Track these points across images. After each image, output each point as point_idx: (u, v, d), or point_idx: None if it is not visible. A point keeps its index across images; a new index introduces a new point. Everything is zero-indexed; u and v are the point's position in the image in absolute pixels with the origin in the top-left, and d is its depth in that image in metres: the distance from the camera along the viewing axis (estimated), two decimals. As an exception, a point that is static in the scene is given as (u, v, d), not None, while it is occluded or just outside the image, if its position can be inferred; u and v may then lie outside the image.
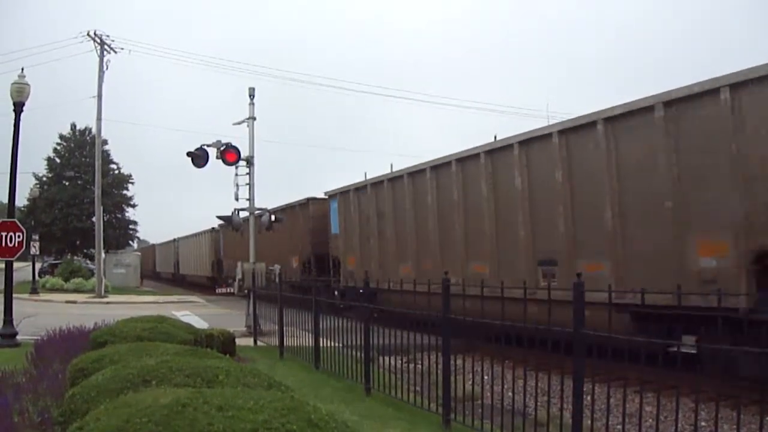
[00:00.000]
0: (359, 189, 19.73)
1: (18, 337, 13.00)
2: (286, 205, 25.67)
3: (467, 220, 14.31)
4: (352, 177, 21.23)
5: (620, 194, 10.41)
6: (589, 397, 5.63)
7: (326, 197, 22.45)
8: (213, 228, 37.33)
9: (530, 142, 12.38)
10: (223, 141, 16.58)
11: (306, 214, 24.16)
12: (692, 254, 9.24)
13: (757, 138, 8.44)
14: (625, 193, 10.34)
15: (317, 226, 23.05)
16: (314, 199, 23.88)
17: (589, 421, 5.61)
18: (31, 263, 34.21)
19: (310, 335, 10.86)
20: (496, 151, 13.41)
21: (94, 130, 37.28)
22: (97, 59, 30.80)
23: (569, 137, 11.48)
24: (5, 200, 14.31)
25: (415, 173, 16.50)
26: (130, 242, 56.84)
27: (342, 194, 20.91)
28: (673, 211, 9.47)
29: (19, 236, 13.18)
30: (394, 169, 18.16)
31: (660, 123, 9.64)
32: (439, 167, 15.40)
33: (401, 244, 17.14)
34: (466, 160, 14.34)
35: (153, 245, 67.43)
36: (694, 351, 6.25)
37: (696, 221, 9.23)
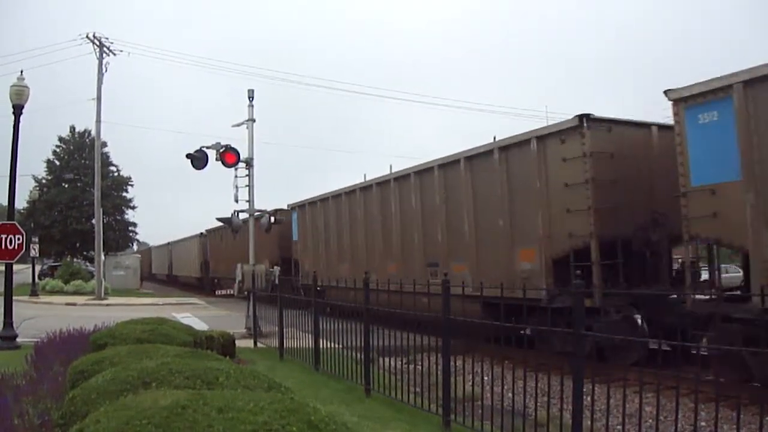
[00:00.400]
0: (312, 203, 23.72)
1: (18, 340, 13.00)
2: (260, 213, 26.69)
3: (383, 231, 18.33)
4: (349, 178, 22.57)
5: (475, 213, 14.20)
6: (588, 398, 5.64)
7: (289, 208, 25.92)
8: (201, 233, 41.05)
9: (423, 172, 16.42)
10: (223, 143, 16.59)
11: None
12: (517, 260, 12.80)
13: (553, 175, 12.09)
14: (478, 213, 14.12)
15: (284, 232, 25.85)
16: (281, 209, 25.94)
17: (589, 422, 5.62)
18: (30, 265, 34.22)
19: (310, 336, 10.87)
20: (401, 178, 17.47)
21: (93, 133, 37.36)
22: (96, 61, 30.85)
23: (446, 170, 15.36)
24: (5, 202, 14.32)
25: (349, 192, 20.64)
26: (130, 244, 56.85)
27: (300, 207, 25.04)
28: (503, 228, 13.24)
29: (18, 238, 13.18)
30: (394, 169, 18.41)
31: (497, 162, 13.44)
32: (364, 188, 19.61)
33: (341, 249, 21.22)
34: (382, 184, 18.51)
35: (149, 249, 67.95)
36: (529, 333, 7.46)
37: (518, 235, 12.88)
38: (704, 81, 9.45)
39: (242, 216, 17.85)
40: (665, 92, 10.09)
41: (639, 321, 11.00)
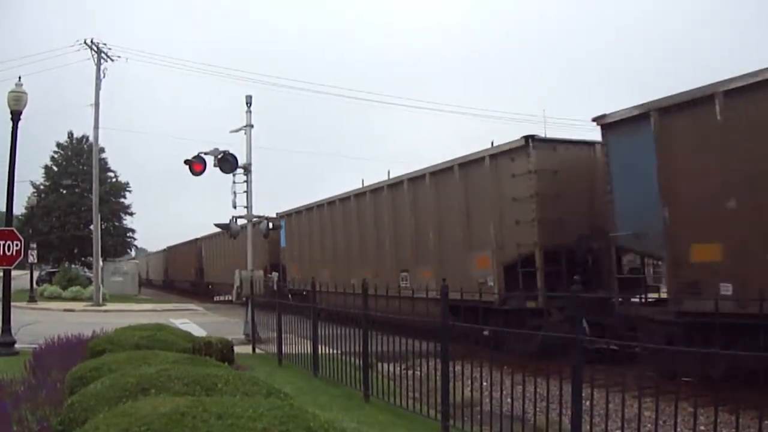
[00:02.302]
0: (298, 212, 25.09)
1: (16, 346, 12.97)
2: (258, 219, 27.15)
3: (360, 240, 19.73)
4: (347, 183, 23.10)
5: (439, 224, 15.66)
6: (588, 403, 5.64)
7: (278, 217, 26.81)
8: (195, 239, 42.58)
9: (394, 185, 17.92)
10: (221, 148, 16.61)
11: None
12: (474, 266, 14.21)
13: (504, 190, 13.46)
14: (442, 223, 15.59)
15: (273, 239, 26.17)
16: (270, 217, 26.27)
17: (588, 426, 5.62)
18: (28, 271, 34.16)
19: (309, 342, 10.86)
20: (376, 190, 18.91)
21: (91, 138, 37.33)
22: (94, 67, 30.84)
23: (414, 184, 16.85)
24: (3, 209, 14.29)
25: (330, 203, 22.18)
26: (128, 250, 56.79)
27: (288, 215, 26.23)
28: (462, 237, 14.68)
29: (16, 244, 13.16)
30: (392, 175, 18.54)
31: (457, 178, 14.96)
32: (343, 199, 21.15)
33: (323, 255, 22.56)
34: (359, 195, 19.99)
35: (146, 255, 68.26)
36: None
37: (474, 244, 14.32)
38: (625, 108, 10.81)
39: (241, 222, 17.86)
40: (593, 119, 11.48)
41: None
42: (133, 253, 61.35)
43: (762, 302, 6.27)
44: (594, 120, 11.41)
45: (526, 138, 12.79)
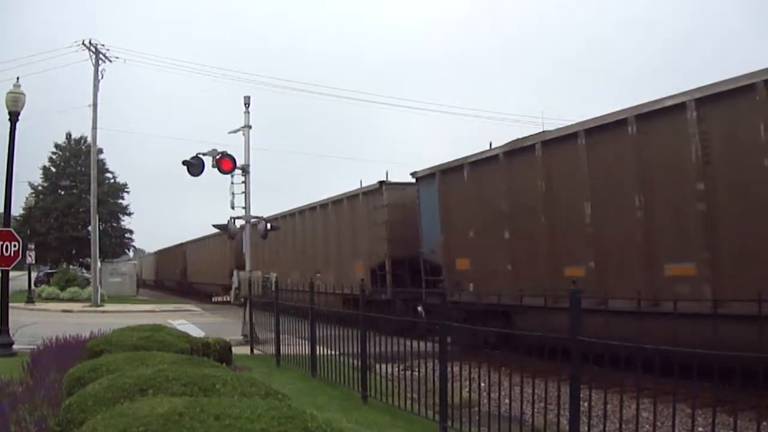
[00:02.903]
0: (274, 219, 26.08)
1: (14, 347, 12.97)
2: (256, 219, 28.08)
3: (304, 247, 24.92)
4: (345, 183, 23.82)
5: (338, 239, 21.63)
6: (585, 404, 5.64)
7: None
8: (181, 243, 47.85)
9: (313, 209, 24.24)
10: (219, 149, 16.60)
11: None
12: (356, 269, 19.75)
13: (371, 217, 19.44)
14: (340, 239, 21.70)
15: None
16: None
17: (586, 428, 5.62)
18: (27, 272, 34.13)
19: (307, 343, 10.86)
20: (310, 209, 24.52)
21: (89, 139, 37.36)
22: (92, 68, 30.85)
23: (325, 209, 22.97)
24: (1, 209, 14.28)
25: (293, 213, 26.23)
26: (126, 251, 56.77)
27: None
28: (350, 249, 20.82)
29: (14, 245, 13.16)
30: (390, 176, 19.14)
31: (347, 206, 21.22)
32: (301, 212, 25.50)
33: (295, 258, 25.57)
34: (304, 211, 25.17)
35: (140, 257, 68.84)
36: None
37: (356, 254, 20.33)
38: (426, 168, 16.27)
39: (239, 222, 17.85)
40: (411, 174, 17.00)
41: (420, 310, 15.77)
42: (131, 254, 61.35)
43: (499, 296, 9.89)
44: (411, 175, 16.81)
45: (381, 183, 18.78)
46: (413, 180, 16.97)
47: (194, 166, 16.40)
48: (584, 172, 11.28)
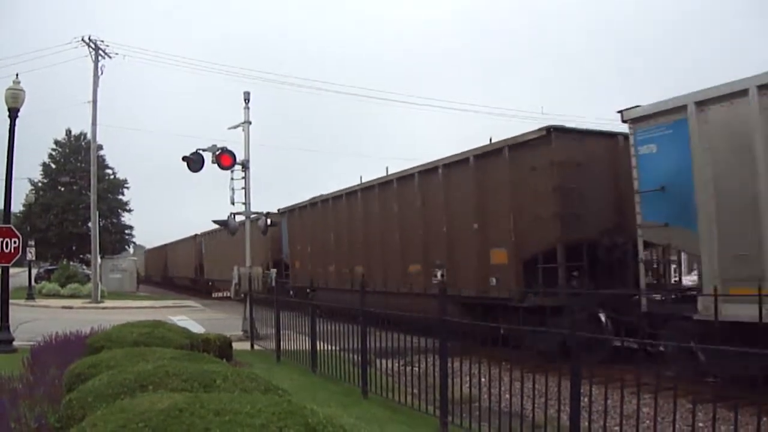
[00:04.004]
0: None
1: (14, 343, 12.96)
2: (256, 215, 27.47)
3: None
4: (346, 179, 23.21)
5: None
6: (586, 399, 5.64)
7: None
8: (165, 244, 54.72)
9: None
10: (219, 145, 16.59)
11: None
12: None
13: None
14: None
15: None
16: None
17: (587, 423, 5.62)
18: (27, 269, 34.15)
19: (307, 339, 10.86)
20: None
21: (89, 135, 37.29)
22: (92, 64, 30.80)
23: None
24: (1, 206, 14.27)
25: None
26: (126, 247, 56.73)
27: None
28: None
29: (15, 242, 13.15)
30: (389, 172, 18.53)
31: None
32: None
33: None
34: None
35: (144, 252, 68.63)
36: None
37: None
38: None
39: (239, 218, 17.85)
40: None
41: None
42: (131, 250, 61.31)
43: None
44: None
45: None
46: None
47: (194, 162, 16.40)
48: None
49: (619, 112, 10.83)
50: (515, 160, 12.66)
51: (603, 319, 10.95)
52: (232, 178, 17.12)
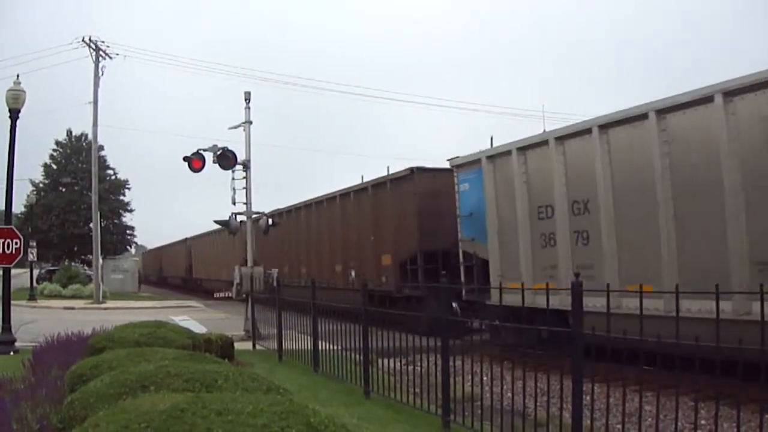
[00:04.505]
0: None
1: (16, 344, 12.99)
2: (257, 215, 27.95)
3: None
4: (347, 178, 23.63)
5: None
6: (588, 397, 5.63)
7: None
8: (159, 246, 58.11)
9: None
10: (220, 145, 16.59)
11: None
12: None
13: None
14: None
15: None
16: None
17: (589, 421, 5.61)
18: (28, 270, 34.17)
19: (309, 338, 10.86)
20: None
21: (90, 136, 37.31)
22: (93, 65, 30.82)
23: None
24: (2, 207, 14.29)
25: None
26: (128, 247, 56.84)
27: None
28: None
29: (16, 243, 13.16)
30: (392, 171, 18.90)
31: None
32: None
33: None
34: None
35: (143, 253, 69.03)
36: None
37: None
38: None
39: (240, 218, 17.85)
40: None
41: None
42: (133, 250, 61.43)
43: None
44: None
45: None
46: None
47: (195, 162, 16.40)
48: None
49: (448, 160, 14.68)
50: (394, 190, 17.51)
51: (455, 305, 13.03)
52: (233, 178, 17.13)
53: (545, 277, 10.93)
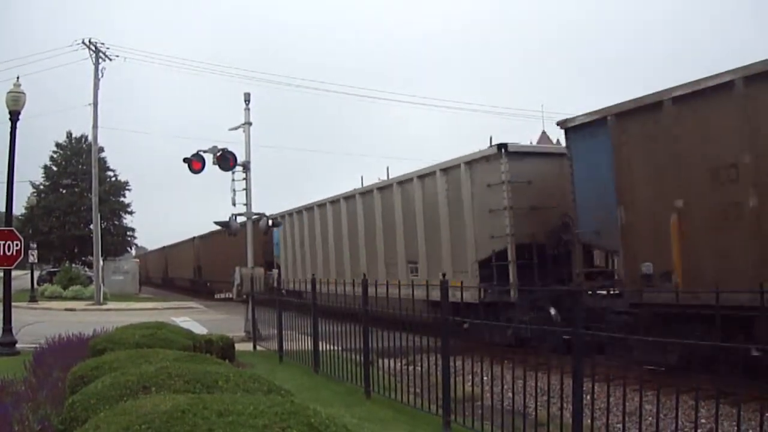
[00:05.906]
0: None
1: (17, 346, 12.98)
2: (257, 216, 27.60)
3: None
4: (347, 179, 23.86)
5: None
6: (588, 397, 5.64)
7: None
8: (163, 246, 57.56)
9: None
10: (220, 146, 16.60)
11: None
12: None
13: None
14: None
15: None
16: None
17: (589, 420, 5.62)
18: (29, 271, 34.16)
19: (309, 339, 10.87)
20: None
21: (90, 138, 37.29)
22: (92, 67, 30.81)
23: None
24: (2, 209, 14.29)
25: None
26: (128, 249, 56.72)
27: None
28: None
29: (17, 245, 13.17)
30: (392, 172, 19.09)
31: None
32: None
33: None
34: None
35: (145, 254, 68.80)
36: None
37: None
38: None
39: (240, 219, 17.85)
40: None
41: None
42: (133, 251, 61.33)
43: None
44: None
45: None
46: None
47: (195, 163, 16.41)
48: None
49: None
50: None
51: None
52: (233, 180, 17.14)
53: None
